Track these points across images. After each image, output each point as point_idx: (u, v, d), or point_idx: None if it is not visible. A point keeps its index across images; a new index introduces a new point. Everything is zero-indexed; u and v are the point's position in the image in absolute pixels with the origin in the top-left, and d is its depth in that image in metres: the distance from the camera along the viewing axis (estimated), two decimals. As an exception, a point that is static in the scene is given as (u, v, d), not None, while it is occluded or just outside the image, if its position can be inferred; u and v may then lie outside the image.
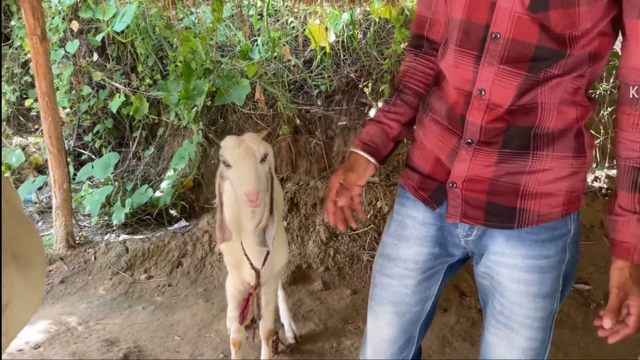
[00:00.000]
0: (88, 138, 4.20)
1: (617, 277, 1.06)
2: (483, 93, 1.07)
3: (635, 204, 1.05)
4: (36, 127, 4.55)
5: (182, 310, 2.87)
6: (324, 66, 4.07)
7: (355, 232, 3.41)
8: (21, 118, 4.62)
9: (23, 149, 4.28)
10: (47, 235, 3.48)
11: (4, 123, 4.55)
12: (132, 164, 4.12)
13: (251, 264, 1.77)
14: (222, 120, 3.97)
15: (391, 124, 1.29)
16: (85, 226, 3.67)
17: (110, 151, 4.09)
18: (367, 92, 3.91)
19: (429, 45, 1.27)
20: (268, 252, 1.74)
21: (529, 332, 1.16)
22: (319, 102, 4.00)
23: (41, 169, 4.34)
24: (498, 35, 1.03)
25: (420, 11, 1.26)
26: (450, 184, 1.15)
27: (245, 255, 1.75)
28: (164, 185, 3.81)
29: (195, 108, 3.74)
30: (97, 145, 4.19)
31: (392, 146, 1.30)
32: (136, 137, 4.17)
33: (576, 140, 1.10)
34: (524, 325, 1.16)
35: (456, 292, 2.99)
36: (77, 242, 3.35)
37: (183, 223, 3.66)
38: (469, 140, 1.11)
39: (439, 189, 1.19)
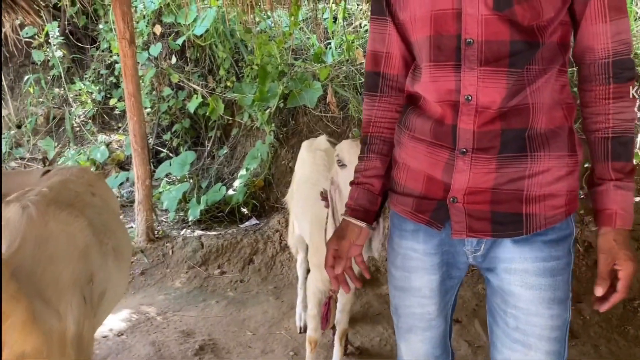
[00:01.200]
0: (167, 137, 4.41)
1: (602, 243, 1.09)
2: (470, 98, 1.08)
3: (609, 171, 1.09)
4: (119, 125, 4.82)
5: (253, 306, 2.96)
6: (396, 69, 4.06)
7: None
8: (105, 116, 4.90)
9: (107, 145, 4.54)
10: (129, 228, 3.68)
11: (90, 121, 4.85)
12: (206, 162, 4.28)
13: None
14: (294, 122, 4.05)
15: (371, 180, 1.28)
16: (162, 221, 3.85)
17: (186, 150, 4.27)
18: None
19: (385, 82, 1.26)
20: None
21: (547, 344, 1.13)
22: (389, 105, 3.99)
23: (122, 165, 4.59)
24: (471, 41, 1.06)
25: (374, 48, 1.25)
26: (451, 199, 1.13)
27: None
28: (236, 184, 3.93)
29: (268, 110, 3.84)
30: (174, 144, 4.38)
31: (381, 199, 1.30)
32: (211, 136, 4.33)
33: (569, 139, 1.12)
34: (542, 337, 1.12)
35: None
36: (156, 236, 3.52)
37: (254, 221, 3.76)
38: (464, 150, 1.10)
39: (439, 207, 1.16)
